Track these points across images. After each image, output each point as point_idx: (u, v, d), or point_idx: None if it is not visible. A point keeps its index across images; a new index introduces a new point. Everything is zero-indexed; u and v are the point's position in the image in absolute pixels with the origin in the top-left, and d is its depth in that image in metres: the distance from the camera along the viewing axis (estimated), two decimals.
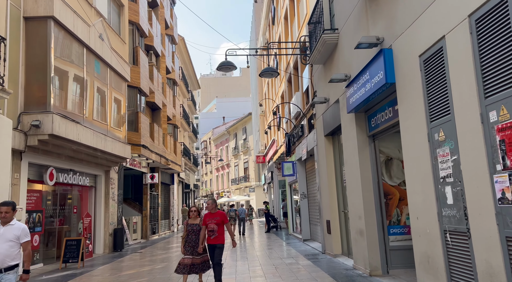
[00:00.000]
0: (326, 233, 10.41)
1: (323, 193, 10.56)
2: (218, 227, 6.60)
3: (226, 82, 75.95)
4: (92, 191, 13.45)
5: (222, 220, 6.67)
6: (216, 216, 6.68)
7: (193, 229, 6.72)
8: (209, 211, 6.80)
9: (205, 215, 6.83)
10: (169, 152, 21.38)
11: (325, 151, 10.20)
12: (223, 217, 6.69)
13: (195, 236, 6.71)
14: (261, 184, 37.78)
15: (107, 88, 12.69)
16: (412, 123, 5.25)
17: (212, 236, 6.58)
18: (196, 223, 6.77)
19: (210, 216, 6.71)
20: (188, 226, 6.76)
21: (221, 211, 6.80)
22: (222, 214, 6.72)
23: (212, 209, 6.76)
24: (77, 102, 10.60)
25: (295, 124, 14.64)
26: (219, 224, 6.63)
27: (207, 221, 6.65)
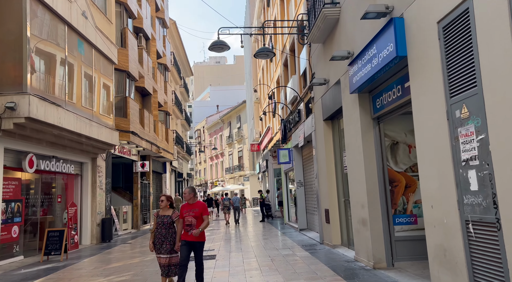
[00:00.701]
0: (324, 222, 9.89)
1: (322, 181, 10.01)
2: (197, 220, 5.57)
3: (220, 70, 74.86)
4: (78, 180, 12.78)
5: (202, 212, 5.62)
6: (195, 207, 5.62)
7: (163, 222, 5.70)
8: (186, 202, 5.72)
9: (182, 206, 5.75)
10: (161, 140, 20.70)
11: (323, 136, 9.61)
12: (203, 209, 5.65)
13: (165, 230, 5.71)
14: (255, 173, 37.29)
15: (92, 70, 11.93)
16: (427, 100, 4.65)
17: (190, 231, 5.53)
18: (167, 215, 5.76)
19: (188, 207, 5.65)
20: (157, 218, 5.78)
21: (201, 202, 5.78)
22: (202, 205, 5.70)
23: (190, 199, 5.66)
24: (58, 84, 9.86)
25: (292, 109, 14.02)
26: (198, 217, 5.58)
27: (184, 213, 5.61)
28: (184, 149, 30.54)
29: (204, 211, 5.66)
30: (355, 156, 7.29)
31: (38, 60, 9.11)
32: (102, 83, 12.78)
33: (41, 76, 9.21)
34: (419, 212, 6.77)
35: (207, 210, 5.70)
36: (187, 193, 5.66)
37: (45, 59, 9.45)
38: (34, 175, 10.68)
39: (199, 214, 5.61)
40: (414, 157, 6.92)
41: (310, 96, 10.80)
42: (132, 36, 16.39)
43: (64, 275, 7.70)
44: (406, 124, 7.01)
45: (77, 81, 11.04)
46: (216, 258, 8.94)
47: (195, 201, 5.69)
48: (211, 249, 10.44)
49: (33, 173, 10.39)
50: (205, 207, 5.69)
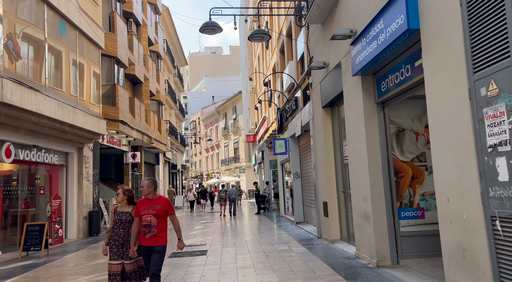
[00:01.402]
0: (322, 216, 9.33)
1: (320, 172, 9.43)
2: (158, 220, 4.47)
3: (216, 61, 73.83)
4: (63, 171, 12.12)
5: (165, 210, 4.51)
6: (156, 203, 4.50)
7: (120, 220, 4.61)
8: (145, 197, 4.57)
9: (139, 202, 4.60)
10: (153, 130, 20.02)
11: (322, 124, 9.01)
12: (166, 205, 4.55)
13: (124, 231, 4.58)
14: (251, 164, 36.73)
15: (76, 54, 11.21)
16: (444, 77, 4.05)
17: (148, 234, 4.44)
18: (126, 212, 4.65)
19: (147, 203, 4.51)
20: (115, 215, 4.68)
21: (163, 198, 4.65)
22: (165, 201, 4.59)
23: (149, 193, 4.52)
24: (37, 67, 9.15)
25: (288, 97, 13.38)
26: (160, 216, 4.47)
27: (141, 211, 4.48)
28: (178, 140, 29.88)
29: (169, 209, 4.56)
30: (357, 145, 6.70)
31: (13, 41, 8.38)
32: (88, 68, 12.06)
33: (17, 58, 8.50)
34: (426, 206, 6.22)
35: (172, 208, 4.62)
36: (145, 186, 4.53)
37: (22, 40, 8.74)
38: (13, 166, 10.02)
39: (162, 212, 4.48)
40: (422, 145, 6.35)
41: (308, 82, 10.17)
42: (121, 20, 15.61)
43: (40, 274, 7.10)
44: (413, 110, 6.42)
45: (59, 65, 10.33)
46: (207, 253, 8.38)
47: (155, 196, 4.59)
48: (203, 243, 9.88)
49: (12, 164, 9.73)
50: (169, 204, 4.60)
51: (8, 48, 8.35)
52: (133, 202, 4.71)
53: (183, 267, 7.06)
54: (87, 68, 11.98)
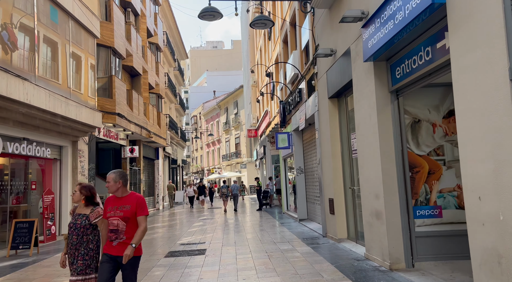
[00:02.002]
0: (328, 213, 8.82)
1: (325, 167, 8.91)
2: (127, 224, 3.55)
3: (217, 55, 73.15)
4: (56, 165, 11.63)
5: (135, 211, 3.58)
6: (125, 203, 3.60)
7: (75, 224, 3.70)
8: (113, 195, 3.69)
9: (107, 200, 3.70)
10: (152, 124, 19.51)
11: (328, 116, 8.47)
12: (138, 205, 3.60)
13: (78, 238, 3.67)
14: (253, 160, 36.25)
15: (69, 43, 10.67)
16: (476, 57, 3.51)
17: (115, 241, 3.55)
18: (83, 214, 3.73)
19: (115, 202, 3.63)
20: (72, 218, 3.82)
21: (135, 195, 3.67)
22: (136, 199, 3.63)
23: (116, 190, 3.62)
24: (26, 56, 8.62)
25: (291, 89, 12.83)
26: (130, 219, 3.56)
27: (108, 212, 3.61)
28: (178, 135, 29.38)
29: (140, 209, 3.59)
30: (368, 137, 6.16)
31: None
32: (82, 58, 11.53)
33: (13, 50, 7.98)
34: (444, 204, 5.69)
35: (145, 208, 3.63)
36: (111, 181, 3.59)
37: (8, 25, 8.20)
38: (4, 160, 9.53)
39: (131, 214, 3.55)
40: (439, 137, 5.81)
41: (313, 72, 9.62)
42: (119, 9, 15.05)
43: (27, 274, 6.61)
44: (429, 98, 5.88)
45: (51, 54, 9.80)
46: (206, 253, 7.89)
47: (126, 194, 3.66)
48: (202, 242, 9.40)
49: (1, 157, 9.24)
50: (142, 203, 3.62)
51: (2, 39, 8.05)
52: (93, 203, 3.80)
53: (180, 268, 6.57)
54: (81, 58, 11.45)
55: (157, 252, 8.28)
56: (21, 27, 8.58)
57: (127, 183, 3.73)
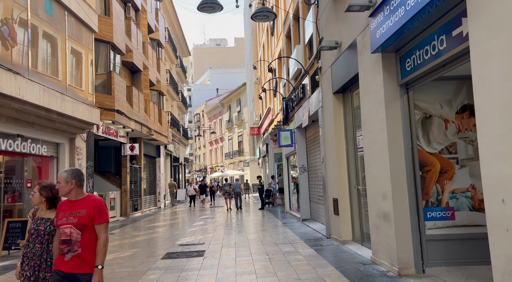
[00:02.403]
0: (332, 214, 8.46)
1: (329, 166, 8.55)
2: (82, 233, 2.93)
3: (221, 53, 72.78)
4: (53, 162, 11.34)
5: (93, 216, 2.95)
6: (80, 207, 2.97)
7: (37, 231, 3.20)
8: (67, 199, 3.05)
9: (59, 205, 3.09)
10: (153, 121, 19.21)
11: (333, 112, 8.11)
12: (97, 209, 2.96)
13: (41, 246, 3.18)
14: (255, 158, 35.91)
15: (65, 37, 10.36)
16: (501, 43, 3.14)
17: (68, 254, 2.90)
18: (47, 219, 3.25)
19: (68, 207, 3.00)
20: (32, 223, 3.29)
21: (93, 198, 3.02)
22: (93, 203, 2.98)
23: (68, 192, 2.98)
24: (18, 49, 8.31)
25: (295, 85, 12.47)
26: (86, 226, 2.94)
27: (59, 218, 2.99)
28: (180, 133, 29.09)
29: (98, 215, 2.95)
30: (376, 134, 5.80)
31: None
32: (79, 53, 11.22)
33: (13, 45, 7.70)
34: (457, 205, 5.32)
35: (104, 213, 2.98)
36: (62, 181, 2.96)
37: (9, 20, 7.98)
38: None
39: (88, 221, 2.93)
40: (452, 134, 5.44)
41: (317, 67, 9.25)
42: (118, 4, 14.74)
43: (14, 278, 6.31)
44: (441, 93, 5.51)
45: (46, 48, 9.49)
46: (204, 254, 7.56)
47: (81, 196, 3.02)
48: (201, 242, 9.08)
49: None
50: (100, 207, 2.97)
51: (2, 34, 7.88)
52: (54, 204, 3.29)
53: (176, 272, 6.24)
54: (78, 53, 11.14)
55: (155, 253, 7.97)
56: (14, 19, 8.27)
57: (83, 183, 3.07)
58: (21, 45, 8.38)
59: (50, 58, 9.64)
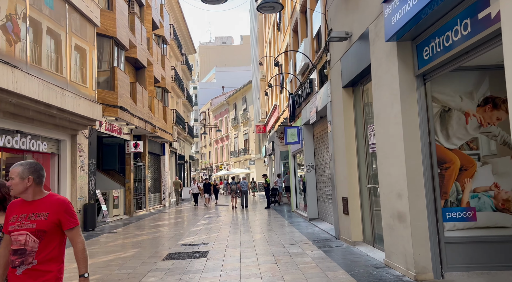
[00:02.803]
0: (341, 213, 8.09)
1: (339, 163, 8.18)
2: (41, 241, 2.39)
3: (226, 51, 72.49)
4: (54, 160, 11.10)
5: (57, 221, 2.42)
6: (40, 210, 2.41)
7: None
8: (20, 198, 2.48)
9: (9, 206, 2.49)
10: (157, 119, 18.94)
11: (342, 107, 7.73)
12: (60, 212, 2.42)
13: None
14: (261, 156, 35.56)
15: (66, 31, 10.08)
16: None
17: (21, 268, 2.36)
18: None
19: (22, 209, 2.43)
20: None
21: (56, 198, 2.47)
22: (57, 205, 2.44)
23: (24, 190, 2.41)
24: (16, 42, 8.04)
25: (302, 80, 12.09)
26: (47, 233, 2.40)
27: (11, 223, 2.43)
28: (186, 131, 28.83)
29: (68, 219, 2.44)
30: (390, 129, 5.43)
31: None
32: (81, 47, 10.94)
33: (16, 41, 7.47)
34: (479, 205, 4.93)
35: (72, 216, 2.46)
36: (17, 177, 2.38)
37: (13, 16, 7.82)
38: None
39: (49, 226, 2.39)
40: (473, 129, 5.05)
41: (325, 60, 8.87)
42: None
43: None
44: (462, 84, 5.12)
45: (46, 42, 9.22)
46: (208, 255, 7.24)
47: (40, 196, 2.46)
48: (205, 242, 8.76)
49: None
50: (67, 209, 2.45)
51: (6, 30, 7.75)
52: (5, 207, 2.67)
53: (177, 274, 5.92)
54: (80, 48, 10.87)
55: (157, 254, 7.66)
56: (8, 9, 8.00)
57: (42, 180, 2.49)
58: (19, 38, 8.10)
59: (50, 53, 9.37)
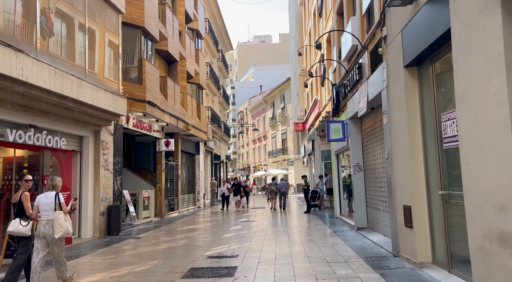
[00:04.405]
0: (402, 225, 6.49)
1: (399, 163, 6.58)
2: None
3: (265, 50, 71.44)
4: (76, 158, 10.30)
5: None
6: None
7: None
8: None
9: None
10: (190, 116, 17.99)
11: (404, 93, 6.14)
12: None
13: None
14: (300, 157, 33.95)
15: (85, 17, 9.19)
16: None
17: None
18: None
19: None
20: None
21: None
22: None
23: None
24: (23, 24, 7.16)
25: (348, 68, 10.51)
26: None
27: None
28: (221, 129, 27.86)
29: None
30: (485, 113, 3.84)
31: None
32: (102, 35, 10.06)
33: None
34: None
35: None
36: None
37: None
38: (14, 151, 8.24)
39: None
40: None
41: (379, 38, 7.30)
42: None
43: None
44: None
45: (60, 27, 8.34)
46: (235, 274, 5.95)
47: None
48: (234, 254, 7.48)
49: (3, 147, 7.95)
50: None
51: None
52: None
53: None
54: (101, 35, 9.97)
55: (176, 269, 6.47)
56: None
57: None
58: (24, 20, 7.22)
59: (66, 39, 8.49)
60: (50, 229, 5.31)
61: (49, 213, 5.37)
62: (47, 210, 5.38)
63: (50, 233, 5.30)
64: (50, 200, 5.41)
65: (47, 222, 5.34)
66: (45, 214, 5.38)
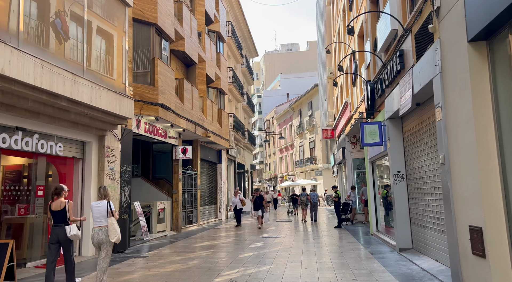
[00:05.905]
0: (467, 253, 4.89)
1: (460, 170, 5.02)
2: None
3: (292, 58, 70.28)
4: (78, 165, 9.29)
5: None
6: None
7: None
8: None
9: None
10: (210, 122, 16.86)
11: (469, 76, 4.62)
12: None
13: None
14: (329, 166, 32.14)
15: (84, 7, 8.21)
16: None
17: None
18: None
19: None
20: None
21: None
22: None
23: None
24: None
25: (385, 59, 9.00)
26: None
27: None
28: (245, 137, 26.64)
29: None
30: None
31: None
32: (105, 29, 9.08)
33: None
34: None
35: None
36: None
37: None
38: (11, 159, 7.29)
39: None
40: None
41: (428, 14, 5.81)
42: None
43: None
44: None
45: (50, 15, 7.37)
46: None
47: None
48: (255, 279, 6.07)
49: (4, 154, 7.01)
50: None
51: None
52: None
53: None
54: (104, 29, 9.00)
55: None
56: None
57: None
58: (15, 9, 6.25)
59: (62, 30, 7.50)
60: (103, 234, 5.73)
61: (101, 220, 5.81)
62: (100, 217, 5.81)
63: (102, 238, 5.73)
64: (103, 208, 5.84)
65: (99, 228, 5.78)
66: (97, 221, 5.80)
